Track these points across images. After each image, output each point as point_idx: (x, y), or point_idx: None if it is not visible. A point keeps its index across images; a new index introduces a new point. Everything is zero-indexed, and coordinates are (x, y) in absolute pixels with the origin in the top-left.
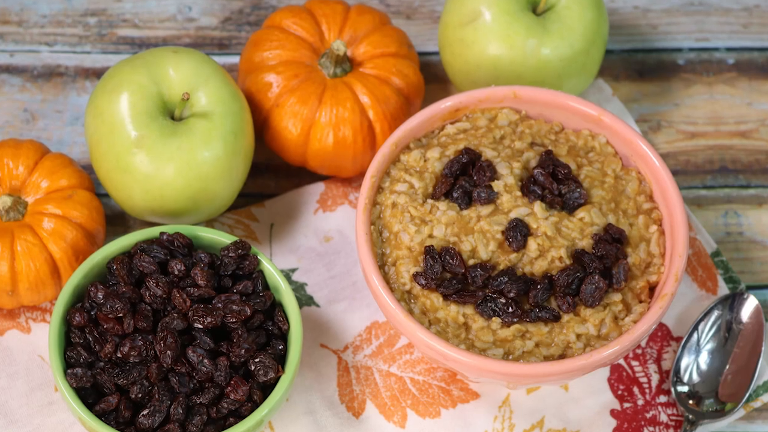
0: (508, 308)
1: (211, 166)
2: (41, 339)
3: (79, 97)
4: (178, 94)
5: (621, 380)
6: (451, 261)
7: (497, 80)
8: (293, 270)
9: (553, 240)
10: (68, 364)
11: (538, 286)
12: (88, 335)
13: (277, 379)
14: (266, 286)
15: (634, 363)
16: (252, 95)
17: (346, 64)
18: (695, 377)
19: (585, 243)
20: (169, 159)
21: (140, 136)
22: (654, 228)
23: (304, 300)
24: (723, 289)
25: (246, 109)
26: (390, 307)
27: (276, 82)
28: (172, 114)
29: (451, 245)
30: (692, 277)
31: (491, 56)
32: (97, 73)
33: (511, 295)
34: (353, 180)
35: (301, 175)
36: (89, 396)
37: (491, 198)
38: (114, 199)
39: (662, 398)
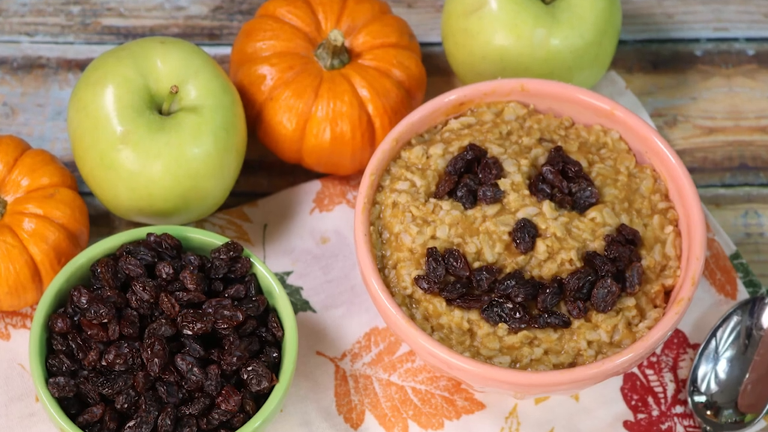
0: (515, 314)
1: (201, 163)
2: (21, 346)
3: (62, 90)
4: (166, 87)
5: (635, 390)
6: (455, 263)
7: (504, 72)
8: (288, 273)
9: (563, 241)
10: (50, 373)
11: (547, 291)
12: (70, 342)
13: (270, 389)
14: (259, 290)
15: (649, 371)
16: (244, 88)
17: (344, 56)
18: (713, 387)
19: (597, 245)
20: (156, 156)
21: (126, 132)
22: (670, 229)
23: (300, 305)
24: (743, 294)
25: (238, 102)
26: (390, 312)
27: (270, 74)
28: (160, 108)
29: (455, 247)
30: (710, 281)
31: (497, 47)
32: (80, 65)
33: (519, 299)
34: (351, 178)
35: (296, 172)
36: (72, 407)
37: (497, 197)
38: (98, 198)
39: (678, 409)
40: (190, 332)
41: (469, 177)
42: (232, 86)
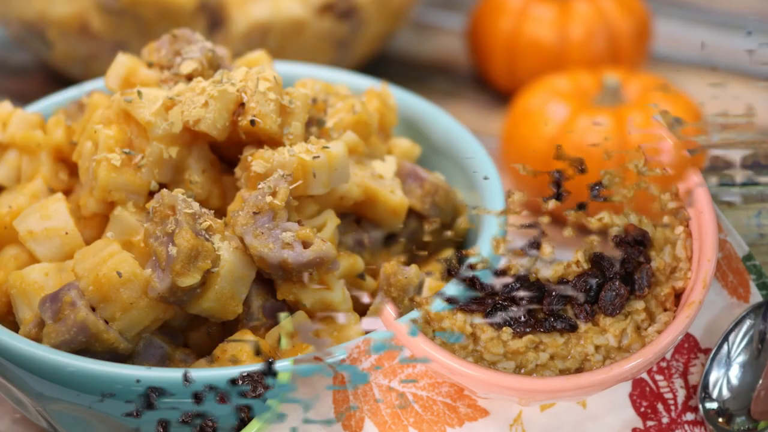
0: (520, 317)
1: None
2: None
3: None
4: None
5: (644, 396)
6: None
7: None
8: None
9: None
10: None
11: (553, 293)
12: None
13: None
14: None
15: (659, 377)
16: None
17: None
18: (725, 393)
19: (604, 246)
20: None
21: None
22: (680, 229)
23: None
24: (756, 297)
25: None
26: (390, 315)
27: None
28: None
29: None
30: (722, 283)
31: None
32: None
33: (524, 302)
34: None
35: None
36: None
37: None
38: None
39: (689, 416)
40: None
41: None
42: None
